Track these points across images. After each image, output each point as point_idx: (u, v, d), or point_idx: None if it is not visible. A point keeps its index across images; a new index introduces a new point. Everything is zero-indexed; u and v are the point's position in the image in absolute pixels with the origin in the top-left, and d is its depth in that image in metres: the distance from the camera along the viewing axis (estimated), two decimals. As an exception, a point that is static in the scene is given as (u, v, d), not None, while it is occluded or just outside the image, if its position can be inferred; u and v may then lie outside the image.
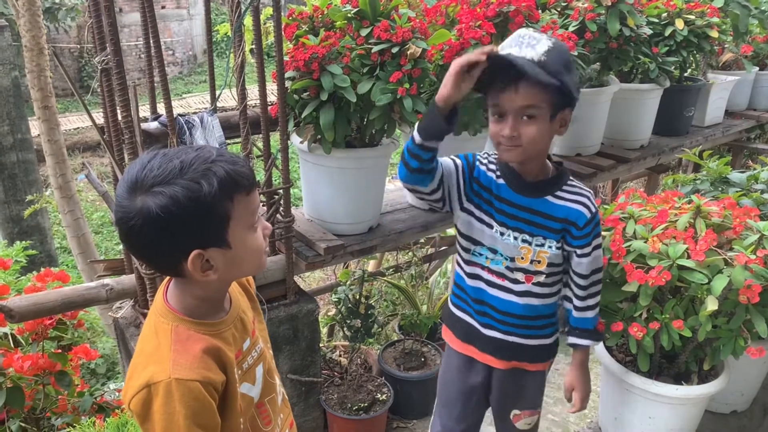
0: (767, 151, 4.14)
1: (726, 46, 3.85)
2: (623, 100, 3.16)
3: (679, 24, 3.14)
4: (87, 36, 1.96)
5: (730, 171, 2.56)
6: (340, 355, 2.97)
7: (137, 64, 14.10)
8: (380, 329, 3.21)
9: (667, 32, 3.15)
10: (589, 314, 1.75)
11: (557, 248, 1.65)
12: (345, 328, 2.72)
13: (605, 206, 2.20)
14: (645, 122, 3.31)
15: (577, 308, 1.75)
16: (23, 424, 2.06)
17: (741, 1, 3.53)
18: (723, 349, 1.95)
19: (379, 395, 2.66)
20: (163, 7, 15.28)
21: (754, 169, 2.64)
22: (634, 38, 2.88)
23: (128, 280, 2.18)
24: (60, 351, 2.20)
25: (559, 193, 1.63)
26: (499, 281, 1.70)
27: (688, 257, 1.86)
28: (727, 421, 2.54)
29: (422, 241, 3.39)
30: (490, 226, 1.66)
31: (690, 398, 2.10)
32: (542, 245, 1.64)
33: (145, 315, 2.17)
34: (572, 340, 1.78)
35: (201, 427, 1.02)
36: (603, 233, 2.04)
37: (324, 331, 3.47)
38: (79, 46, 14.40)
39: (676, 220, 1.98)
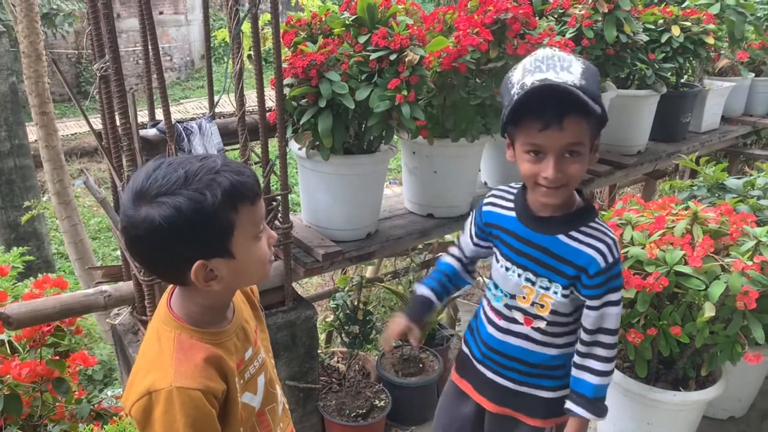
0: (764, 156, 4.16)
1: (722, 52, 3.87)
2: (620, 106, 3.18)
3: (676, 31, 3.15)
4: (85, 42, 1.96)
5: (726, 177, 2.57)
6: (338, 362, 2.97)
7: (135, 70, 14.11)
8: (378, 335, 3.20)
9: (664, 39, 3.17)
10: (588, 378, 1.49)
11: (564, 295, 1.46)
12: (343, 335, 2.71)
13: (602, 212, 2.21)
14: (642, 128, 3.32)
15: (575, 365, 1.52)
16: (20, 432, 2.05)
17: (737, 8, 3.56)
18: (720, 355, 1.95)
19: (377, 401, 2.66)
20: (161, 13, 15.30)
21: (751, 175, 2.65)
22: (630, 45, 2.90)
23: (126, 286, 2.18)
24: (58, 358, 2.20)
25: (574, 233, 1.43)
26: (496, 319, 1.58)
27: (686, 263, 1.87)
28: (724, 426, 2.54)
29: (420, 247, 3.39)
30: (497, 260, 1.55)
31: (688, 404, 2.10)
32: (547, 289, 1.47)
33: (143, 322, 2.17)
34: (567, 403, 1.52)
35: None
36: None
37: (322, 337, 3.47)
38: (76, 52, 14.41)
39: (674, 227, 1.99)
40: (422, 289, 1.71)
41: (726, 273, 1.85)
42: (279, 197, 2.15)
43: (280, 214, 2.17)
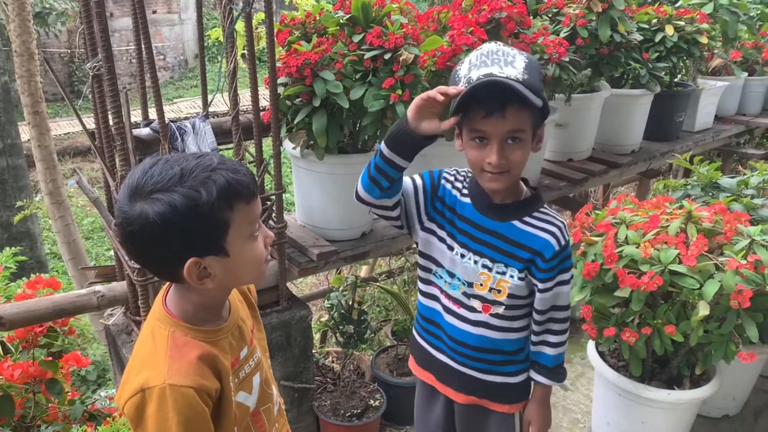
0: (757, 156, 4.17)
1: (715, 51, 3.88)
2: (614, 105, 3.18)
3: (669, 30, 3.16)
4: (78, 41, 1.95)
5: (720, 176, 2.58)
6: (332, 361, 2.96)
7: (128, 69, 14.06)
8: (373, 335, 3.20)
9: (658, 38, 3.18)
10: (546, 350, 1.59)
11: (520, 278, 1.51)
12: (338, 334, 2.71)
13: (597, 211, 2.21)
14: (636, 127, 3.33)
15: (532, 342, 1.60)
16: (13, 433, 2.04)
17: (730, 8, 3.57)
18: (714, 353, 1.96)
19: (372, 401, 2.66)
20: (154, 12, 15.25)
21: (744, 174, 2.66)
22: (624, 44, 2.90)
23: (120, 287, 2.17)
24: (51, 358, 2.18)
25: (528, 219, 1.50)
26: (454, 307, 1.58)
27: (680, 262, 1.87)
28: (719, 425, 2.55)
29: (414, 246, 3.39)
30: (451, 248, 1.55)
31: (682, 403, 2.11)
32: (503, 273, 1.51)
33: (136, 322, 2.16)
34: (530, 373, 1.63)
35: None
36: (594, 238, 2.05)
37: (317, 337, 3.46)
38: (69, 51, 14.35)
39: (668, 226, 1.99)
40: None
41: (720, 272, 1.85)
42: (273, 197, 2.15)
43: (274, 214, 2.16)
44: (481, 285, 1.54)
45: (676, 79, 3.56)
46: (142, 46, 1.92)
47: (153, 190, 0.98)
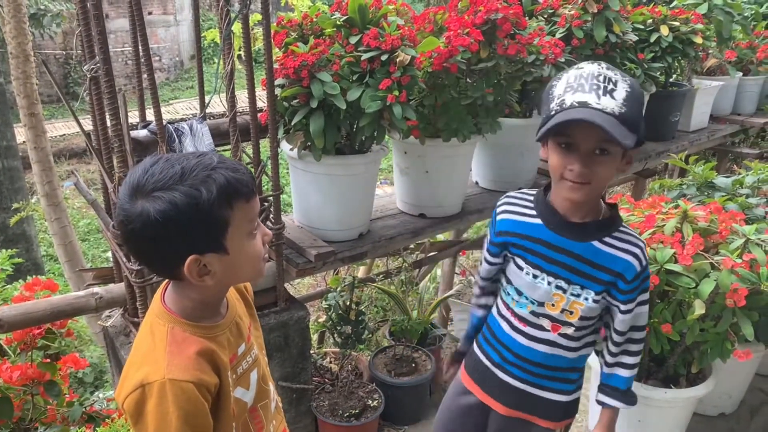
0: (751, 155, 4.19)
1: (710, 51, 3.91)
2: (610, 105, 3.19)
3: (664, 30, 3.18)
4: (75, 43, 1.95)
5: (715, 176, 2.59)
6: (330, 362, 2.97)
7: (123, 70, 14.04)
8: (371, 335, 3.20)
9: (653, 38, 3.19)
10: (620, 372, 1.55)
11: (594, 301, 1.46)
12: (335, 335, 2.72)
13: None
14: (631, 127, 3.34)
15: (607, 364, 1.57)
16: (11, 435, 2.04)
17: (724, 8, 3.59)
18: (710, 352, 1.97)
19: (370, 401, 2.66)
20: (149, 13, 15.23)
21: (739, 173, 2.68)
22: (620, 45, 2.91)
23: (117, 288, 2.17)
24: (48, 360, 2.18)
25: (608, 239, 1.43)
26: (520, 325, 1.56)
27: (676, 261, 1.88)
28: (714, 423, 2.57)
29: (412, 246, 3.40)
30: (521, 268, 1.52)
31: (679, 401, 2.12)
32: (578, 296, 1.47)
33: (134, 324, 2.16)
34: (600, 397, 1.58)
35: (193, 428, 1.03)
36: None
37: (314, 337, 3.47)
38: (64, 53, 14.31)
39: (664, 225, 2.00)
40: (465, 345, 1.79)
41: (716, 271, 1.86)
42: (271, 198, 2.15)
43: (272, 215, 2.17)
44: (553, 305, 1.50)
45: (671, 79, 3.58)
46: (140, 47, 1.93)
47: (154, 188, 0.99)
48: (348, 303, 2.70)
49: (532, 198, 1.53)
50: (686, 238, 1.95)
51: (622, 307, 1.47)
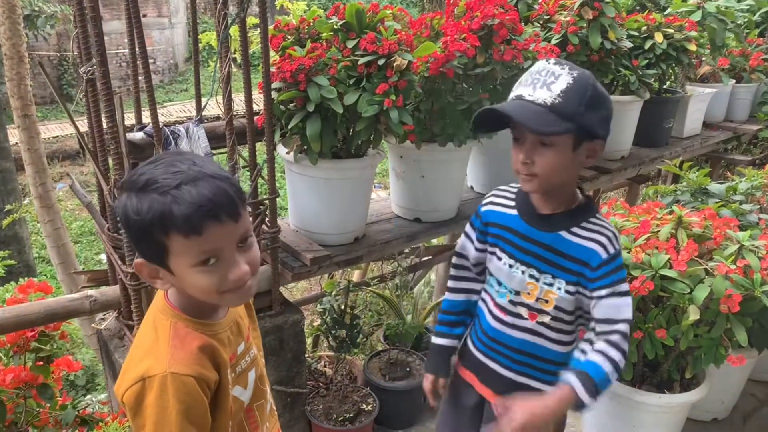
0: (744, 162, 4.22)
1: (703, 59, 3.93)
2: (604, 111, 3.21)
3: (659, 37, 3.20)
4: (72, 45, 1.95)
5: (709, 182, 2.61)
6: (325, 366, 2.96)
7: (117, 73, 13.99)
8: (365, 339, 3.21)
9: (647, 45, 3.21)
10: (594, 357, 1.42)
11: (568, 291, 1.48)
12: (330, 339, 2.71)
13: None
14: (626, 133, 3.36)
15: (582, 350, 1.47)
16: (3, 439, 2.02)
17: (718, 16, 3.61)
18: (704, 357, 1.98)
19: (364, 406, 2.66)
20: (144, 15, 15.16)
21: (732, 179, 2.69)
22: (614, 51, 2.93)
23: (112, 291, 2.16)
24: (41, 363, 2.17)
25: (575, 230, 1.46)
26: (500, 314, 1.59)
27: (671, 267, 1.89)
28: (707, 428, 2.58)
29: (407, 250, 3.40)
30: (499, 258, 1.57)
31: (672, 406, 2.13)
32: (551, 285, 1.49)
33: (129, 327, 2.15)
34: (564, 375, 1.43)
35: (192, 423, 1.03)
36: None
37: (309, 341, 3.46)
38: (58, 54, 14.27)
39: (658, 231, 2.02)
40: (435, 339, 1.75)
41: (710, 277, 1.87)
42: (267, 201, 2.15)
43: (267, 219, 2.16)
44: (528, 294, 1.54)
45: (665, 86, 3.59)
46: (137, 49, 1.92)
47: (130, 186, 1.01)
48: (343, 307, 2.70)
49: (515, 191, 1.59)
50: (681, 244, 1.96)
51: (594, 294, 1.45)
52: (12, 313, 1.93)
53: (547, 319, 1.53)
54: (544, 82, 1.34)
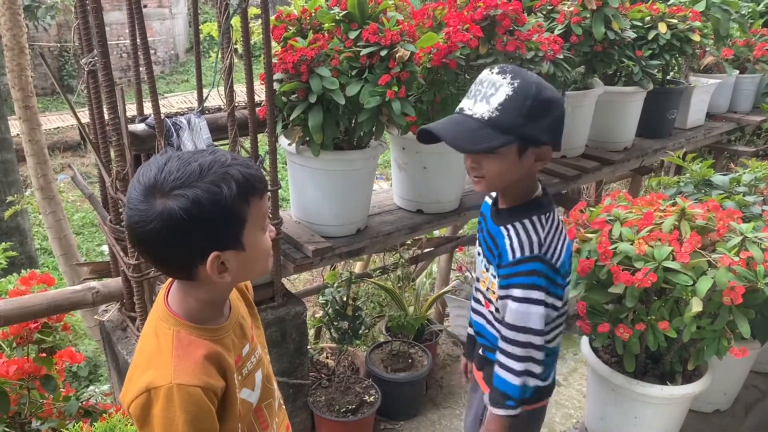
0: (748, 153, 4.20)
1: (707, 49, 3.91)
2: (607, 102, 3.20)
3: (662, 28, 3.18)
4: (73, 35, 1.94)
5: (712, 173, 2.60)
6: (327, 357, 2.97)
7: (119, 64, 13.96)
8: (367, 331, 3.20)
9: (651, 36, 3.19)
10: (495, 368, 1.51)
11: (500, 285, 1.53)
12: (332, 330, 2.72)
13: (591, 208, 2.22)
14: (629, 124, 3.35)
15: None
16: (7, 430, 2.03)
17: (722, 6, 3.59)
18: (707, 349, 1.97)
19: (366, 397, 2.66)
20: (145, 6, 15.09)
21: (736, 171, 2.68)
22: (618, 42, 2.92)
23: (115, 283, 2.16)
24: (45, 355, 2.17)
25: (509, 226, 1.47)
26: (473, 300, 1.76)
27: (674, 259, 1.88)
28: (710, 420, 2.58)
29: (409, 242, 3.40)
30: (477, 248, 1.68)
31: (675, 398, 2.13)
32: (495, 276, 1.52)
33: (131, 318, 2.16)
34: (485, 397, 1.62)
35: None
36: (589, 235, 2.07)
37: (311, 333, 3.47)
38: (58, 45, 14.24)
39: (661, 223, 2.01)
40: (468, 329, 1.85)
41: (713, 269, 1.86)
42: (269, 193, 2.14)
43: (269, 210, 2.16)
44: (484, 282, 1.63)
45: (668, 77, 3.58)
46: (138, 40, 1.91)
47: (174, 186, 0.97)
48: (345, 298, 2.70)
49: None
50: (684, 236, 1.95)
51: (498, 292, 1.49)
52: (15, 305, 1.93)
53: (493, 308, 1.58)
54: (484, 95, 1.35)
